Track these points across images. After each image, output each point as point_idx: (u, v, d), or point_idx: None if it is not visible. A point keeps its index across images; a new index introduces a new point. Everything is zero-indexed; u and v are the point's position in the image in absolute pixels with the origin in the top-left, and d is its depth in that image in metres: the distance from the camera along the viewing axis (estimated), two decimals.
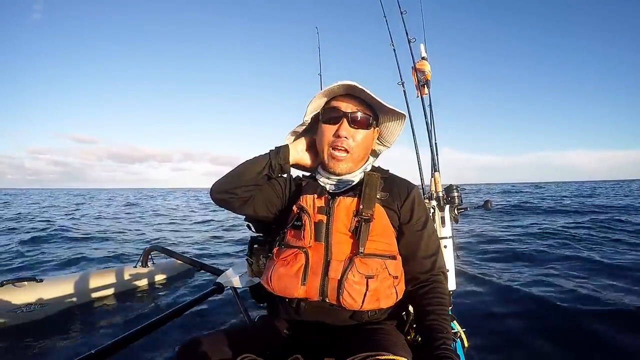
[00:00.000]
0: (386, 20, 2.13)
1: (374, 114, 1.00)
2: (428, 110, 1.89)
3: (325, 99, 1.01)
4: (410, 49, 1.97)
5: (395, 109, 0.98)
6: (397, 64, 2.06)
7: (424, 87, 1.90)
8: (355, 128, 0.96)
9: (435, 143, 1.87)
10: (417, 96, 1.91)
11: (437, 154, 1.84)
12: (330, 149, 0.97)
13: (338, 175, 1.00)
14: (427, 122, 1.89)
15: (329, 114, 0.98)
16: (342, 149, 0.96)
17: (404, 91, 1.98)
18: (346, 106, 0.96)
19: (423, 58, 1.95)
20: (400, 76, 2.02)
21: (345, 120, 0.95)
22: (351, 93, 0.97)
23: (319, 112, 1.01)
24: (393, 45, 2.09)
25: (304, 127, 1.05)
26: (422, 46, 1.99)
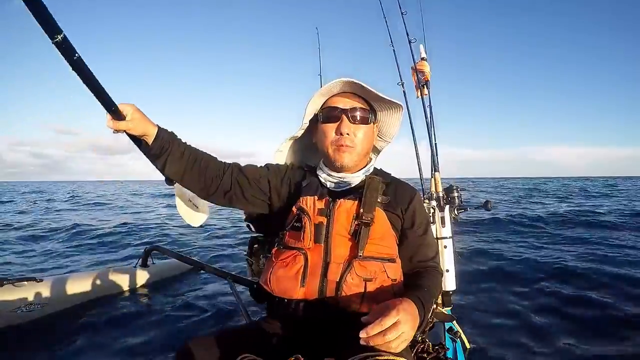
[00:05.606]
0: (386, 21, 2.14)
1: (372, 109, 1.01)
2: (428, 111, 1.90)
3: (323, 99, 1.01)
4: (411, 50, 1.98)
5: (392, 100, 0.99)
6: (397, 64, 2.07)
7: (424, 88, 1.91)
8: (356, 124, 0.97)
9: (435, 143, 1.88)
10: (417, 97, 1.92)
11: (437, 154, 1.84)
12: (334, 146, 0.98)
13: (342, 169, 1.00)
14: (427, 123, 1.90)
15: (328, 113, 0.98)
16: (346, 145, 0.97)
17: (404, 92, 1.99)
18: (345, 103, 0.97)
19: (423, 58, 1.96)
20: (400, 76, 2.03)
21: (345, 117, 0.96)
22: (348, 90, 0.99)
23: (316, 114, 1.02)
24: (393, 45, 2.10)
25: (302, 130, 1.06)
26: (421, 46, 1.99)
